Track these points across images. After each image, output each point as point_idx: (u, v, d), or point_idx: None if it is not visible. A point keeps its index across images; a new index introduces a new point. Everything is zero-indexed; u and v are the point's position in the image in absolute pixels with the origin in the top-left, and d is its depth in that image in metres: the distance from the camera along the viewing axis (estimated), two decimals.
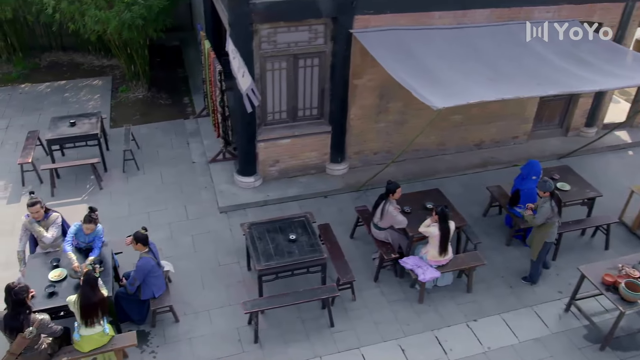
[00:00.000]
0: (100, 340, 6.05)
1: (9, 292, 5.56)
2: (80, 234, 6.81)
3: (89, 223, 6.65)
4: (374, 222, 7.71)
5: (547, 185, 7.26)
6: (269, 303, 6.73)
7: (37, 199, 6.78)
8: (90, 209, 6.74)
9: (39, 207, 6.75)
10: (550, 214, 7.26)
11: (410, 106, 9.63)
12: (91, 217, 6.66)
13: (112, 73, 13.36)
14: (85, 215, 6.68)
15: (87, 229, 6.67)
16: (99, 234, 6.85)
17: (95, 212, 6.74)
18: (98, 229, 6.82)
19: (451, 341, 7.04)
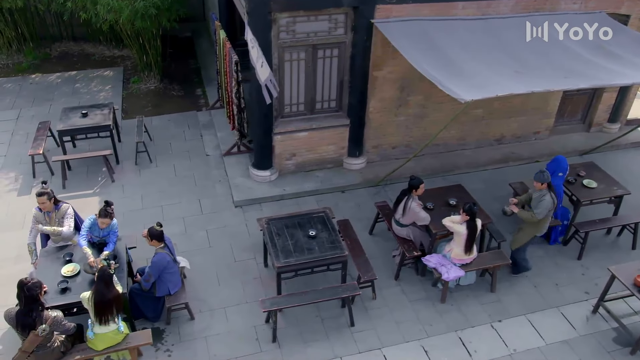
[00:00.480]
0: (115, 339, 5.85)
1: (21, 288, 5.37)
2: (95, 228, 6.61)
3: (104, 217, 6.43)
4: (396, 219, 7.47)
5: (544, 176, 7.00)
6: (288, 301, 6.50)
7: (46, 190, 6.57)
8: (106, 203, 6.53)
9: (46, 198, 6.55)
10: (552, 207, 7.01)
11: (431, 99, 9.38)
12: (107, 211, 6.45)
13: (124, 64, 13.13)
14: (101, 209, 6.47)
15: (103, 223, 6.46)
16: (113, 228, 6.64)
17: (111, 206, 6.53)
18: (113, 223, 6.61)
19: (475, 342, 6.80)
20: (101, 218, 6.42)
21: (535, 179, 7.12)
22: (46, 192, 6.56)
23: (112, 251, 6.52)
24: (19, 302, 5.45)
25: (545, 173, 7.06)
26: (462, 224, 6.90)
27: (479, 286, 7.56)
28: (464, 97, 6.54)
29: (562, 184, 7.96)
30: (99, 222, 6.47)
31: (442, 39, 8.07)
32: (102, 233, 6.64)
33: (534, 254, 8.12)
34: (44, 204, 6.57)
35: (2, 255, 7.73)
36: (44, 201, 6.55)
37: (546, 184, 7.07)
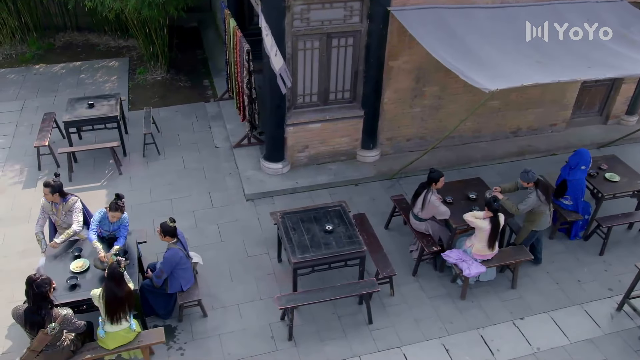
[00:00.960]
0: (126, 337, 5.63)
1: (30, 284, 5.14)
2: (105, 222, 6.38)
3: (115, 211, 6.20)
4: (414, 213, 7.23)
5: (529, 176, 6.92)
6: (305, 298, 6.28)
7: (51, 182, 6.35)
8: (117, 196, 6.29)
9: (49, 190, 6.34)
10: (537, 203, 6.90)
11: (447, 90, 9.13)
12: (118, 204, 6.21)
13: (129, 54, 12.87)
14: (111, 202, 6.23)
15: (113, 217, 6.23)
16: (124, 222, 6.41)
17: (122, 199, 6.29)
18: (124, 217, 6.38)
19: (497, 341, 6.58)
20: (112, 212, 6.19)
21: (521, 179, 7.04)
22: (50, 184, 6.33)
23: (122, 246, 6.30)
24: (27, 300, 5.23)
25: (529, 173, 6.94)
26: (485, 220, 6.66)
27: (499, 282, 7.34)
28: (488, 86, 6.29)
29: (585, 178, 7.71)
30: (109, 216, 6.24)
31: (461, 28, 7.80)
32: (112, 227, 6.41)
33: (554, 249, 7.91)
34: (47, 196, 6.37)
35: (9, 249, 7.51)
36: (46, 192, 6.35)
37: (533, 183, 6.95)
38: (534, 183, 6.99)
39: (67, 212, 6.50)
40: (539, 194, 6.96)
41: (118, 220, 6.35)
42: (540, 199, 6.96)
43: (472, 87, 9.17)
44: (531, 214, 7.14)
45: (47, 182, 6.36)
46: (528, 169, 7.03)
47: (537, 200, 6.95)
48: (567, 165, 7.80)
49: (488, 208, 6.60)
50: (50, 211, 6.50)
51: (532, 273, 7.50)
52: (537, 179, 7.02)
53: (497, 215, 6.68)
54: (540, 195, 6.96)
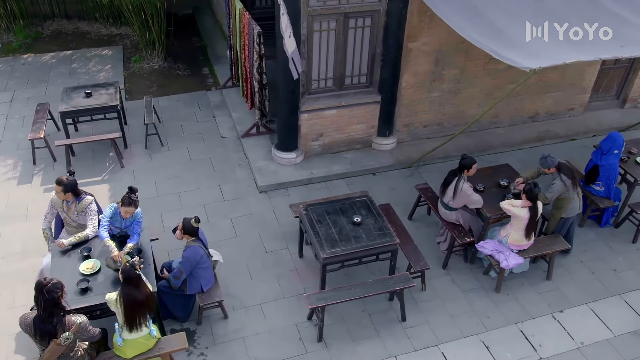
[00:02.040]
0: (146, 345, 5.12)
1: (40, 290, 4.59)
2: (117, 218, 5.84)
3: (128, 206, 5.66)
4: (444, 202, 6.80)
5: (548, 161, 6.55)
6: (336, 296, 5.82)
7: (64, 180, 5.78)
8: (130, 190, 5.75)
9: (61, 189, 5.76)
10: (564, 189, 6.53)
11: (466, 73, 8.71)
12: (131, 198, 5.68)
13: (122, 42, 12.22)
14: (124, 197, 5.69)
15: (126, 212, 5.70)
16: (137, 217, 5.88)
17: (136, 193, 5.76)
18: (137, 212, 5.85)
19: (539, 335, 6.20)
20: (125, 207, 5.65)
21: (541, 166, 6.67)
22: (64, 182, 5.77)
23: (136, 244, 5.77)
24: (36, 307, 4.68)
25: (548, 158, 6.57)
26: (524, 208, 6.25)
27: (532, 273, 6.96)
28: (529, 65, 5.85)
29: (618, 163, 7.35)
30: (122, 212, 5.70)
31: (486, 6, 7.35)
32: (124, 224, 5.89)
33: (585, 238, 7.55)
34: (58, 194, 5.80)
35: (7, 250, 6.94)
36: (58, 190, 5.79)
37: (555, 168, 6.57)
38: (556, 168, 6.59)
39: (80, 212, 5.94)
40: (563, 179, 6.58)
41: (131, 216, 5.82)
42: (566, 184, 6.58)
43: (491, 70, 8.90)
44: (558, 200, 6.76)
45: (60, 179, 5.79)
46: (546, 154, 6.64)
47: (563, 185, 6.58)
48: (598, 150, 7.43)
49: (527, 196, 6.19)
50: (61, 208, 5.95)
51: (566, 263, 7.13)
52: (559, 163, 6.62)
53: (537, 204, 6.27)
54: (565, 180, 6.58)
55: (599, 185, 7.45)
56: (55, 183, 5.76)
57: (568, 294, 6.73)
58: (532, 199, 6.22)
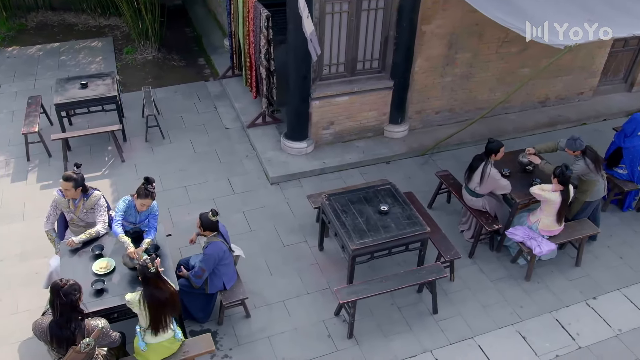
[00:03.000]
0: (170, 348, 4.73)
1: (56, 293, 4.16)
2: (131, 212, 5.42)
3: (145, 198, 5.24)
4: (470, 188, 6.51)
5: (577, 144, 6.34)
6: (368, 290, 5.48)
7: (74, 175, 5.32)
8: (147, 180, 5.32)
9: (72, 185, 5.28)
10: (585, 171, 6.36)
11: (479, 57, 8.44)
12: (148, 190, 5.26)
13: (112, 33, 11.69)
14: (140, 188, 5.27)
15: (143, 205, 5.28)
16: (153, 211, 5.48)
17: (153, 183, 5.34)
18: (153, 205, 5.44)
19: (575, 324, 5.95)
20: (141, 199, 5.23)
21: (567, 147, 6.44)
22: (74, 177, 5.30)
23: (154, 239, 5.36)
24: (52, 311, 4.25)
25: (577, 141, 6.35)
26: (555, 192, 6.00)
27: (560, 260, 6.72)
28: (563, 42, 5.58)
29: None
30: (138, 205, 5.28)
31: None
32: (139, 218, 5.47)
33: (609, 222, 7.33)
34: (68, 191, 5.31)
35: (4, 252, 6.45)
36: (68, 188, 5.29)
37: (580, 152, 6.39)
38: (581, 152, 6.38)
39: (89, 210, 5.48)
40: (587, 162, 6.36)
41: (146, 210, 5.41)
42: (589, 167, 6.36)
43: (504, 54, 8.64)
44: (583, 183, 6.53)
45: (69, 175, 5.30)
46: (576, 137, 6.42)
47: (586, 168, 6.36)
48: (621, 132, 7.23)
49: (559, 180, 5.94)
50: (67, 208, 5.47)
51: (593, 249, 6.91)
52: (585, 147, 6.41)
53: (568, 187, 6.03)
54: (589, 164, 6.37)
55: (622, 168, 7.25)
56: (64, 180, 5.27)
57: (599, 280, 6.50)
58: (563, 182, 5.97)
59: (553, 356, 5.60)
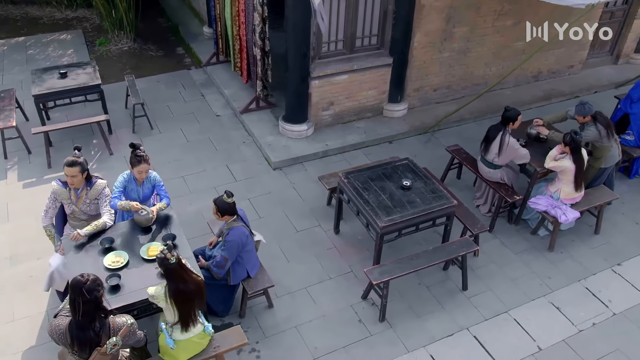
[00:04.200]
0: (200, 344, 4.31)
1: (78, 290, 3.65)
2: (132, 188, 5.03)
3: (139, 164, 4.88)
4: (488, 160, 6.30)
5: (585, 109, 6.22)
6: (400, 268, 5.18)
7: (78, 159, 4.80)
8: (133, 146, 4.97)
9: (79, 170, 4.76)
10: (597, 137, 6.24)
11: (476, 31, 8.28)
12: (138, 155, 4.87)
13: (81, 26, 11.02)
14: (131, 157, 4.94)
15: (140, 172, 4.91)
16: (156, 181, 5.14)
17: (140, 147, 4.97)
18: (153, 175, 5.11)
19: (605, 291, 5.82)
20: (136, 167, 4.89)
21: (576, 113, 6.31)
22: (79, 161, 4.77)
23: (169, 204, 5.05)
24: (72, 311, 3.73)
25: (586, 105, 6.24)
26: (568, 159, 5.85)
27: (578, 229, 6.59)
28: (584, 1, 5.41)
29: None
30: (136, 174, 4.95)
31: None
32: (142, 192, 5.04)
33: (618, 190, 7.18)
34: (75, 178, 4.77)
35: None
36: (75, 174, 4.75)
37: (590, 117, 6.26)
38: (591, 117, 6.25)
39: (93, 200, 4.97)
40: (599, 128, 6.23)
41: (147, 180, 5.00)
42: (601, 133, 6.24)
43: (500, 27, 8.49)
44: (596, 150, 6.41)
45: (74, 159, 4.75)
46: (585, 101, 6.30)
47: (598, 134, 6.23)
48: (627, 98, 7.18)
49: (571, 148, 5.79)
50: (68, 200, 4.93)
51: (609, 216, 6.81)
52: (595, 112, 6.29)
53: (581, 153, 5.87)
54: (601, 129, 6.24)
55: (629, 134, 7.20)
56: (69, 165, 4.72)
57: (620, 246, 6.41)
58: (575, 148, 5.82)
59: (590, 324, 5.44)
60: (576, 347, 5.20)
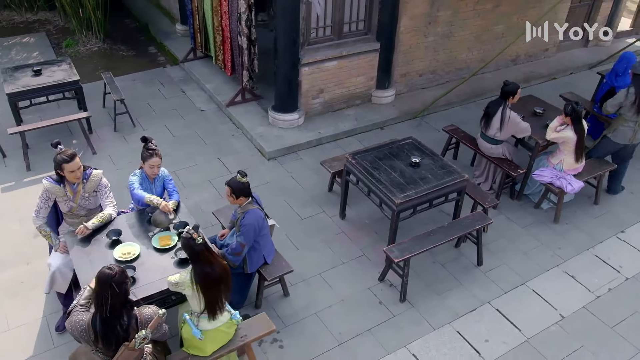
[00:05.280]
0: (228, 334, 4.03)
1: (107, 285, 3.30)
2: (145, 185, 4.76)
3: (151, 158, 4.62)
4: (489, 136, 6.27)
5: None
6: (419, 245, 5.05)
7: (75, 152, 4.46)
8: (144, 140, 4.73)
9: (77, 164, 4.42)
10: (623, 100, 6.17)
11: (458, 15, 8.32)
12: (150, 149, 4.64)
13: (44, 28, 10.52)
14: (142, 151, 4.68)
15: (152, 166, 4.67)
16: (166, 177, 4.92)
17: (152, 140, 4.74)
18: (163, 171, 4.86)
19: (614, 257, 5.87)
20: (148, 161, 4.64)
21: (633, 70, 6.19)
22: (75, 152, 4.44)
23: (179, 201, 4.75)
24: (99, 307, 3.39)
25: None
26: (570, 129, 5.88)
27: (578, 201, 6.64)
28: None
29: None
30: (147, 169, 4.69)
31: None
32: (155, 190, 4.79)
33: None
34: (80, 170, 4.42)
35: None
36: (80, 166, 4.41)
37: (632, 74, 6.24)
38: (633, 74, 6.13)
39: (92, 193, 4.63)
40: (628, 93, 6.11)
41: (158, 177, 4.73)
42: (628, 99, 6.11)
43: (480, 11, 8.56)
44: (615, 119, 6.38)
45: (72, 152, 4.39)
46: None
47: (624, 98, 6.14)
48: (612, 72, 7.33)
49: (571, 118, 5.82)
50: (64, 197, 4.53)
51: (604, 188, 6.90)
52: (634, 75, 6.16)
53: (581, 122, 5.92)
54: (630, 95, 6.09)
55: None
56: (70, 158, 4.33)
57: (620, 215, 6.49)
58: (576, 118, 5.86)
59: (606, 290, 5.45)
60: (597, 312, 5.19)
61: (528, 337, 4.91)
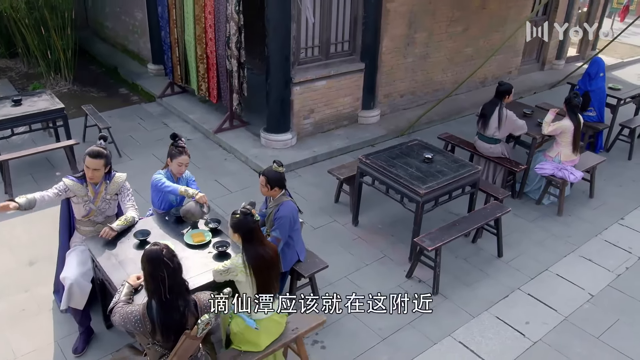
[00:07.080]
0: (281, 325, 3.77)
1: (159, 261, 3.02)
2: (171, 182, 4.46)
3: (180, 155, 4.45)
4: (487, 136, 6.45)
5: None
6: (447, 234, 5.00)
7: (103, 150, 4.15)
8: (173, 137, 4.54)
9: (103, 163, 4.12)
10: None
11: (433, 37, 8.72)
12: (179, 145, 4.46)
13: (6, 75, 10.13)
14: (170, 149, 4.51)
15: (180, 165, 4.47)
16: (189, 176, 4.75)
17: (182, 138, 4.57)
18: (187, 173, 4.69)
19: (622, 240, 6.03)
20: (176, 158, 4.42)
21: None
22: (104, 153, 4.14)
23: None
24: (154, 291, 3.07)
25: None
26: (565, 119, 6.18)
27: (574, 196, 6.85)
28: None
29: (605, 86, 7.78)
30: (175, 168, 4.48)
31: None
32: None
33: None
34: (97, 172, 4.10)
35: None
36: (98, 167, 4.08)
37: None
38: None
39: (113, 196, 4.33)
40: None
41: (182, 178, 4.56)
42: None
43: (452, 33, 9.03)
44: None
45: (99, 151, 4.08)
46: None
47: None
48: (585, 76, 7.80)
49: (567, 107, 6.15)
50: (84, 197, 4.19)
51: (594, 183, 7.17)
52: None
53: (577, 114, 6.23)
54: None
55: (591, 111, 7.75)
56: (92, 157, 4.04)
57: (616, 204, 6.74)
58: (572, 109, 6.17)
59: (624, 269, 5.55)
60: (622, 288, 5.26)
61: (566, 316, 4.87)
